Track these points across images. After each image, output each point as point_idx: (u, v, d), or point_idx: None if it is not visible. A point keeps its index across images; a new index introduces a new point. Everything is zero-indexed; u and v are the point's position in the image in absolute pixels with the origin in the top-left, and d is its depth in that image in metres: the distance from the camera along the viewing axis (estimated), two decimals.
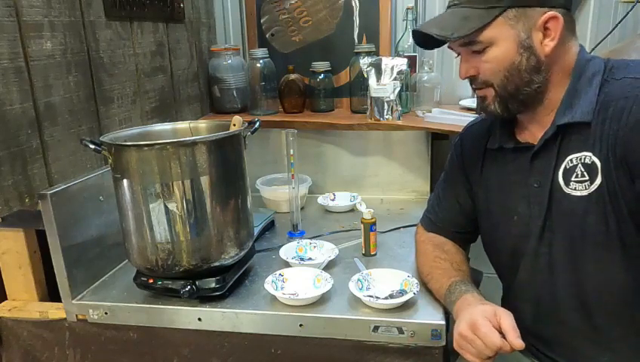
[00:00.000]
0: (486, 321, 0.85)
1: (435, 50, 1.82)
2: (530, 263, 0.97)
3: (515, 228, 0.99)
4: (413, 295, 1.04)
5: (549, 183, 0.91)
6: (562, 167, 0.90)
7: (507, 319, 0.85)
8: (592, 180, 0.86)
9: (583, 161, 0.87)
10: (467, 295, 0.95)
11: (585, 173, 0.87)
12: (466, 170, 1.11)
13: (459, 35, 0.88)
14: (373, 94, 1.60)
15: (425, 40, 0.94)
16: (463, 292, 0.96)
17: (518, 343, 0.82)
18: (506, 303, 1.11)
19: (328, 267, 1.22)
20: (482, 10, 0.87)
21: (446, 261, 1.08)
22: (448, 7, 0.94)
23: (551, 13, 0.86)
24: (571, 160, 0.89)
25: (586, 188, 0.87)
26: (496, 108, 0.94)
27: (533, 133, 0.96)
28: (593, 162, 0.86)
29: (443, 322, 0.99)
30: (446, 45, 0.95)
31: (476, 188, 1.09)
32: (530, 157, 0.95)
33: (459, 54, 0.96)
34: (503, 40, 0.88)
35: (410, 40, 1.74)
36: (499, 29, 0.87)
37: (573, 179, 0.88)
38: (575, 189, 0.88)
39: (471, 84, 0.97)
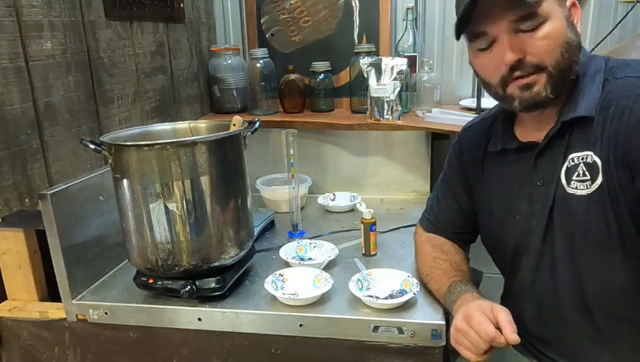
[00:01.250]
0: (481, 313, 0.86)
1: (435, 49, 1.85)
2: (532, 263, 0.97)
3: (517, 227, 0.98)
4: (413, 295, 1.04)
5: (553, 182, 0.91)
6: (564, 165, 0.90)
7: (504, 314, 0.85)
8: (593, 180, 0.86)
9: (584, 160, 0.87)
10: (467, 294, 0.95)
11: (586, 172, 0.87)
12: (465, 170, 1.11)
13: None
14: (373, 94, 1.60)
15: (466, 20, 0.87)
16: (462, 291, 0.96)
17: (514, 337, 0.82)
18: (506, 303, 1.10)
19: (328, 267, 1.22)
20: None
21: (445, 261, 1.08)
22: None
23: (573, 0, 0.87)
24: (573, 159, 0.88)
25: (587, 188, 0.87)
26: (548, 93, 0.86)
27: (536, 131, 0.95)
28: (594, 161, 0.86)
29: (443, 322, 0.99)
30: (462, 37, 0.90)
31: (476, 188, 1.09)
32: (535, 155, 0.94)
33: (487, 45, 0.89)
34: (556, 15, 0.85)
35: (410, 40, 1.75)
36: (551, 5, 0.85)
37: (574, 178, 0.88)
38: (577, 188, 0.88)
39: (512, 73, 0.87)
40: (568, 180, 0.89)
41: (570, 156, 0.89)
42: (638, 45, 1.37)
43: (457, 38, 0.93)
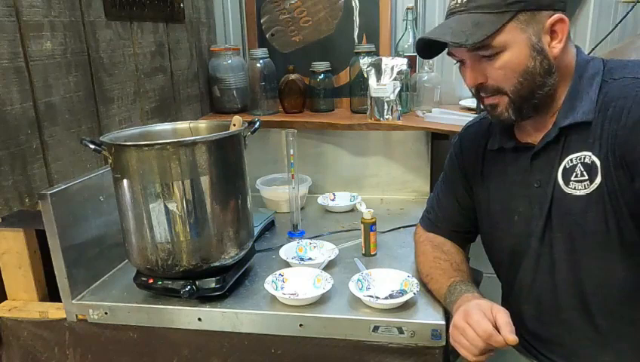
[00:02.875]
0: (479, 312, 0.86)
1: None
2: (531, 263, 0.97)
3: (515, 228, 0.99)
4: (413, 295, 1.04)
5: (549, 183, 0.91)
6: (562, 166, 0.90)
7: (503, 314, 0.85)
8: (591, 180, 0.86)
9: (582, 160, 0.87)
10: (467, 294, 0.95)
11: (584, 172, 0.87)
12: (466, 170, 1.11)
13: (473, 42, 0.85)
14: (373, 94, 1.60)
15: (425, 48, 0.94)
16: (462, 291, 0.96)
17: (512, 337, 0.82)
18: (506, 303, 1.10)
19: (328, 267, 1.21)
20: (493, 15, 0.85)
21: (446, 261, 1.08)
22: (452, 13, 0.91)
23: (558, 15, 0.86)
24: (571, 160, 0.89)
25: (585, 188, 0.87)
26: (510, 115, 0.91)
27: (534, 133, 0.96)
28: (593, 162, 0.86)
29: (443, 322, 0.99)
30: (445, 51, 0.94)
31: (476, 188, 1.09)
32: (531, 157, 0.95)
33: (460, 62, 0.94)
34: (515, 44, 0.86)
35: (410, 40, 1.75)
36: (511, 34, 0.85)
37: (572, 178, 0.88)
38: (575, 189, 0.88)
39: (478, 93, 0.93)
40: (566, 181, 0.89)
41: (568, 157, 0.89)
42: (638, 45, 1.37)
43: (422, 57, 1.00)
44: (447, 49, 0.93)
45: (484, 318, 0.85)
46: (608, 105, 0.85)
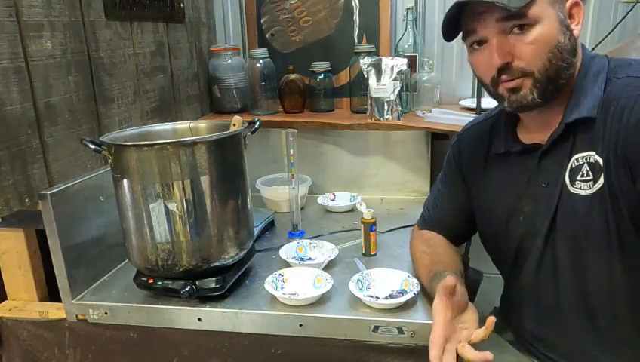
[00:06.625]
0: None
1: (435, 49, 1.85)
2: (534, 264, 0.97)
3: (520, 227, 0.98)
4: (413, 295, 1.04)
5: (557, 183, 0.91)
6: (569, 166, 0.89)
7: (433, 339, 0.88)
8: (595, 180, 0.86)
9: (588, 160, 0.87)
10: (434, 305, 0.93)
11: (590, 172, 0.86)
12: (464, 172, 1.11)
13: (516, 4, 0.82)
14: (373, 94, 1.60)
15: (450, 25, 0.90)
16: (436, 286, 0.95)
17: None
18: (506, 302, 1.11)
19: (328, 267, 1.21)
20: None
21: (428, 255, 1.09)
22: None
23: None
24: (577, 159, 0.88)
25: (590, 188, 0.86)
26: (535, 97, 0.87)
27: (540, 133, 0.94)
28: (597, 161, 0.85)
29: None
30: (460, 37, 0.91)
31: (476, 190, 1.08)
32: (539, 156, 0.94)
33: (478, 43, 0.89)
34: (547, 18, 0.84)
35: (410, 40, 1.75)
36: (543, 7, 0.84)
37: (578, 178, 0.88)
38: (581, 189, 0.87)
39: (498, 76, 0.88)
40: (572, 180, 0.89)
41: (575, 157, 0.88)
42: (638, 45, 1.37)
43: (445, 39, 0.94)
44: (467, 26, 0.89)
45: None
46: (610, 104, 0.84)
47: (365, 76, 1.62)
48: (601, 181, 0.85)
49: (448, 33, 0.94)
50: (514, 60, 0.86)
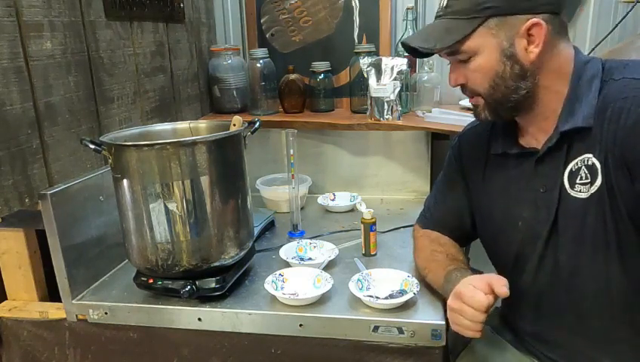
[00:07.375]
0: (469, 286, 0.88)
1: None
2: (534, 266, 0.96)
3: (519, 233, 0.98)
4: (413, 295, 1.04)
5: (555, 187, 0.91)
6: (567, 170, 0.89)
7: (492, 274, 0.89)
8: (592, 182, 0.86)
9: (585, 162, 0.87)
10: (464, 279, 0.94)
11: (588, 174, 0.86)
12: (465, 173, 1.11)
13: (441, 47, 0.90)
14: (373, 94, 1.60)
15: (413, 50, 0.96)
16: (459, 278, 0.95)
17: (502, 290, 0.85)
18: (506, 305, 1.11)
19: (328, 267, 1.22)
20: (464, 20, 0.88)
21: (442, 253, 1.09)
22: (436, 17, 0.95)
23: (534, 20, 0.85)
24: (576, 163, 0.88)
25: (588, 190, 0.87)
26: (487, 115, 0.96)
27: (536, 137, 0.95)
28: (594, 163, 0.86)
29: (443, 322, 0.99)
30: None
31: (476, 191, 1.08)
32: (535, 162, 0.94)
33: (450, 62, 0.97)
34: (486, 49, 0.88)
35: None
36: (481, 39, 0.88)
37: (577, 181, 0.88)
38: (580, 191, 0.88)
39: (463, 92, 0.98)
40: (572, 184, 0.89)
41: (573, 161, 0.89)
42: (638, 45, 1.37)
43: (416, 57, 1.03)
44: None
45: (476, 291, 0.86)
46: (607, 106, 0.84)
47: (365, 76, 1.62)
48: (599, 183, 0.85)
49: (415, 55, 1.00)
50: (467, 82, 0.94)
